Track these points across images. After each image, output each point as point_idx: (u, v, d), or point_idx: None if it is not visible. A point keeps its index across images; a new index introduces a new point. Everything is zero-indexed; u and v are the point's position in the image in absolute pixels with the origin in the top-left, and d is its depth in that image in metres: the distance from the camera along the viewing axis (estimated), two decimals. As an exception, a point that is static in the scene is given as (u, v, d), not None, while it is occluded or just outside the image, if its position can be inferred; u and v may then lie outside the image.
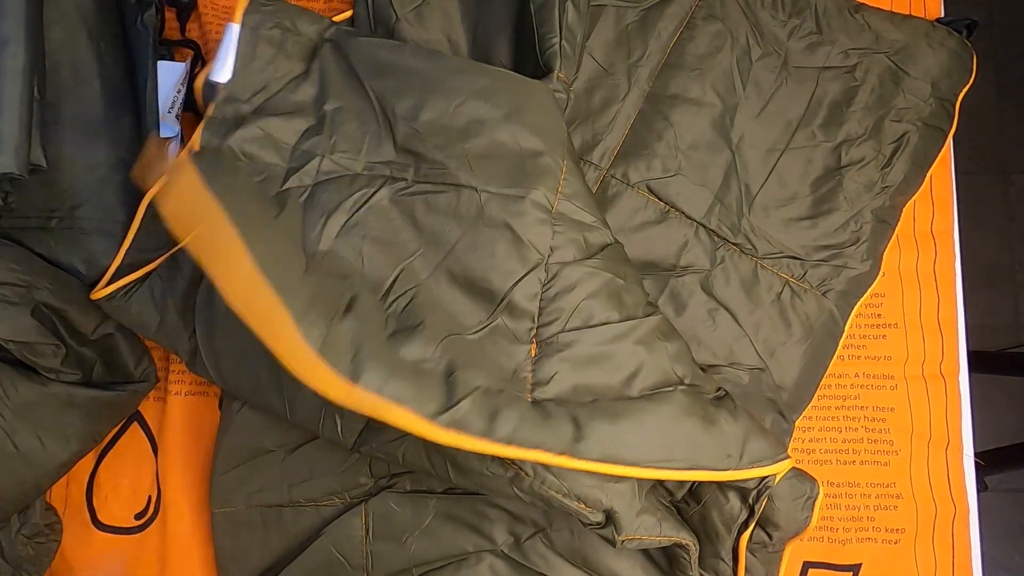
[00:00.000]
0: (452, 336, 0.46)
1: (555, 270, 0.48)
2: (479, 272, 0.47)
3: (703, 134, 0.60)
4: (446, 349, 0.45)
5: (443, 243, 0.48)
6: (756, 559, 0.50)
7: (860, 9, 0.63)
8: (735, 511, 0.49)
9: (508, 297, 0.47)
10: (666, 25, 0.61)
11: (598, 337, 0.47)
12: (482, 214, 0.48)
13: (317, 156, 0.50)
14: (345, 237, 0.48)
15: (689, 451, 0.45)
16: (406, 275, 0.47)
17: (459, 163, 0.49)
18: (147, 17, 0.59)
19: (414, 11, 0.58)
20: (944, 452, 0.59)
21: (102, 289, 0.52)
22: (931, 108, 0.61)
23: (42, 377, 0.52)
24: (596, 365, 0.46)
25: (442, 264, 0.48)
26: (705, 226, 0.58)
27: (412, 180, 0.50)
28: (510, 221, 0.48)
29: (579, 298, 0.47)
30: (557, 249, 0.48)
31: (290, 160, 0.51)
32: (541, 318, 0.47)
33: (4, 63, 0.49)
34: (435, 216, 0.49)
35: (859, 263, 0.58)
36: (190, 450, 0.59)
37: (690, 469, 0.45)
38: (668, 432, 0.45)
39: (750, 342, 0.57)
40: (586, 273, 0.48)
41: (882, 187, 0.59)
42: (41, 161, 0.52)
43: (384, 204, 0.49)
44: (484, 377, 0.44)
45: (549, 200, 0.49)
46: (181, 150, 0.56)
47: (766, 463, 0.47)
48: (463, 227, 0.48)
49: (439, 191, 0.49)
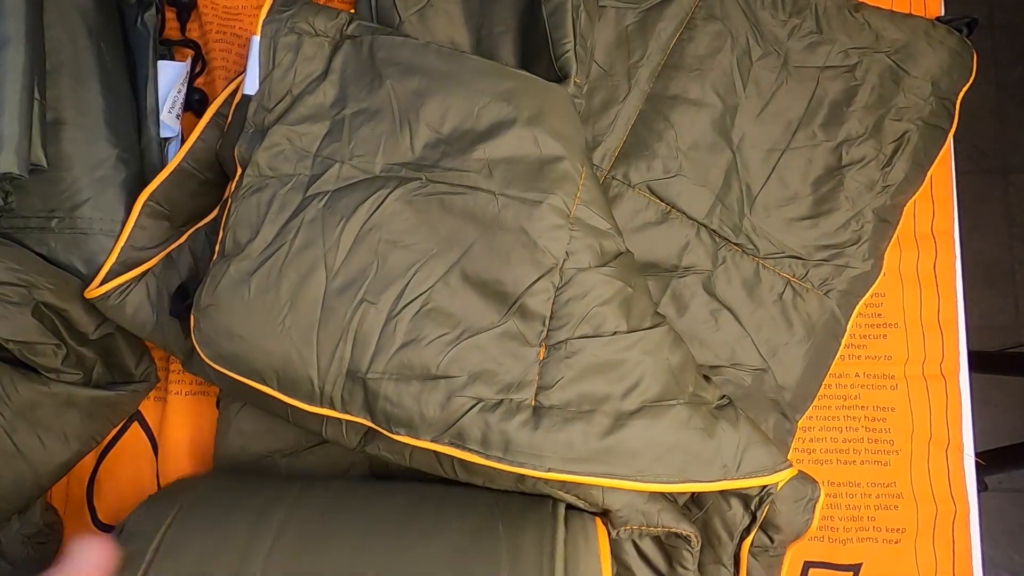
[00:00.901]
0: (460, 343, 0.46)
1: (570, 275, 0.48)
2: (493, 275, 0.47)
3: (704, 134, 0.59)
4: (452, 360, 0.46)
5: (458, 245, 0.48)
6: (757, 563, 0.50)
7: (860, 8, 0.63)
8: (737, 517, 0.49)
9: (521, 300, 0.47)
10: (666, 26, 0.61)
11: (605, 346, 0.47)
12: (499, 218, 0.48)
13: (337, 163, 0.51)
14: (362, 241, 0.48)
15: (682, 464, 0.46)
16: (420, 277, 0.48)
17: (479, 165, 0.49)
18: (147, 17, 0.59)
19: (417, 13, 0.58)
20: (944, 452, 0.59)
21: (96, 288, 0.52)
22: (931, 107, 0.61)
23: (42, 377, 0.52)
24: (601, 373, 0.47)
25: (456, 265, 0.48)
26: (706, 226, 0.58)
27: (427, 180, 0.50)
28: (526, 226, 0.48)
29: (591, 305, 0.47)
30: (573, 254, 0.48)
31: (312, 168, 0.51)
32: (552, 322, 0.47)
33: (4, 63, 0.49)
34: (451, 218, 0.49)
35: (861, 262, 0.58)
36: (190, 450, 0.59)
37: (682, 482, 0.46)
38: (662, 446, 0.46)
39: (752, 342, 0.57)
40: (599, 280, 0.48)
41: (883, 186, 0.59)
42: (41, 161, 0.51)
43: (400, 205, 0.49)
44: (486, 389, 0.45)
45: (568, 205, 0.49)
46: (182, 149, 0.56)
47: (764, 473, 0.47)
48: (479, 230, 0.48)
49: (456, 192, 0.49)
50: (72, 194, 0.54)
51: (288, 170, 0.51)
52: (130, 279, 0.53)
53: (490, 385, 0.46)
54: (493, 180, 0.49)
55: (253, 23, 0.65)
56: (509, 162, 0.50)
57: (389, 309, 0.47)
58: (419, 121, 0.51)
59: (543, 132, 0.50)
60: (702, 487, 0.46)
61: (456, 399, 0.45)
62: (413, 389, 0.45)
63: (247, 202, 0.50)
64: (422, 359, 0.46)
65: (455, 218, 0.49)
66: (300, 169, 0.51)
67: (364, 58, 0.53)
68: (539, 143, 0.50)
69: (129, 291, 0.53)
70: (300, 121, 0.52)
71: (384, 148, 0.51)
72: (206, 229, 0.54)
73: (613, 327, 0.47)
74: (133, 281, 0.53)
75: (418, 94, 0.51)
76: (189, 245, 0.54)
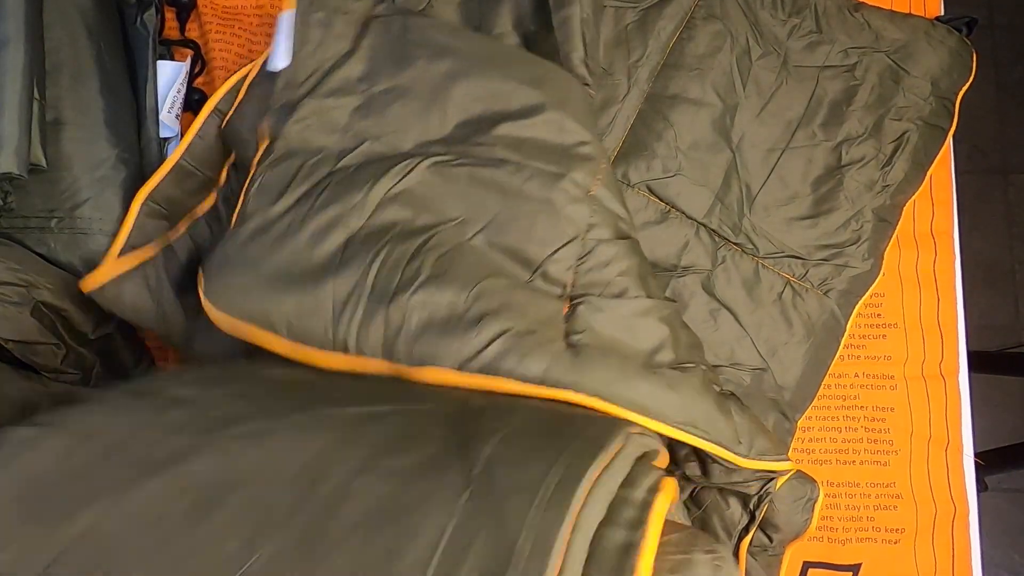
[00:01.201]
0: (486, 280, 0.45)
1: (591, 246, 0.49)
2: (517, 242, 0.48)
3: (703, 134, 0.59)
4: (479, 295, 0.45)
5: (485, 212, 0.49)
6: (756, 562, 0.50)
7: (860, 8, 0.63)
8: (736, 516, 0.49)
9: (543, 266, 0.48)
10: (665, 25, 0.61)
11: (627, 308, 0.47)
12: (524, 188, 0.49)
13: (367, 140, 0.51)
14: (389, 204, 0.48)
15: (709, 424, 0.45)
16: (444, 235, 0.48)
17: (507, 141, 0.51)
18: (147, 17, 0.59)
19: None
20: (944, 452, 0.59)
21: (93, 281, 0.52)
22: (931, 107, 0.61)
23: (42, 377, 0.52)
24: (626, 331, 0.47)
25: (482, 232, 0.48)
26: (706, 226, 0.58)
27: (457, 154, 0.50)
28: (551, 196, 0.49)
29: (612, 274, 0.48)
30: (595, 227, 0.49)
31: (342, 141, 0.51)
32: (574, 289, 0.48)
33: (4, 63, 0.49)
34: (479, 187, 0.49)
35: (860, 262, 0.58)
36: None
37: (710, 441, 0.45)
38: (690, 402, 0.45)
39: (751, 342, 0.57)
40: (621, 251, 0.49)
41: (883, 186, 0.59)
42: (41, 161, 0.52)
43: (428, 174, 0.49)
44: (515, 320, 0.44)
45: (588, 183, 0.50)
46: (179, 146, 0.56)
47: (772, 457, 0.47)
48: (505, 198, 0.49)
49: (484, 165, 0.50)
50: (72, 194, 0.54)
51: (318, 143, 0.51)
52: (129, 269, 0.53)
53: (520, 318, 0.44)
54: (520, 153, 0.50)
55: (253, 23, 0.65)
56: (536, 142, 0.51)
57: (413, 251, 0.46)
58: (450, 101, 0.52)
59: (569, 118, 0.51)
60: (726, 454, 0.46)
61: (487, 324, 0.43)
62: (439, 316, 0.44)
63: (274, 170, 0.50)
64: (450, 289, 0.45)
65: (482, 187, 0.49)
66: (329, 142, 0.51)
67: (395, 37, 0.54)
68: (565, 128, 0.51)
69: (126, 282, 0.53)
70: (329, 95, 0.52)
71: (415, 126, 0.52)
72: (206, 217, 0.55)
73: (635, 294, 0.48)
74: (133, 272, 0.53)
75: (450, 75, 0.52)
76: (190, 233, 0.54)
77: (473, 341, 0.43)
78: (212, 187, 0.57)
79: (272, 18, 0.65)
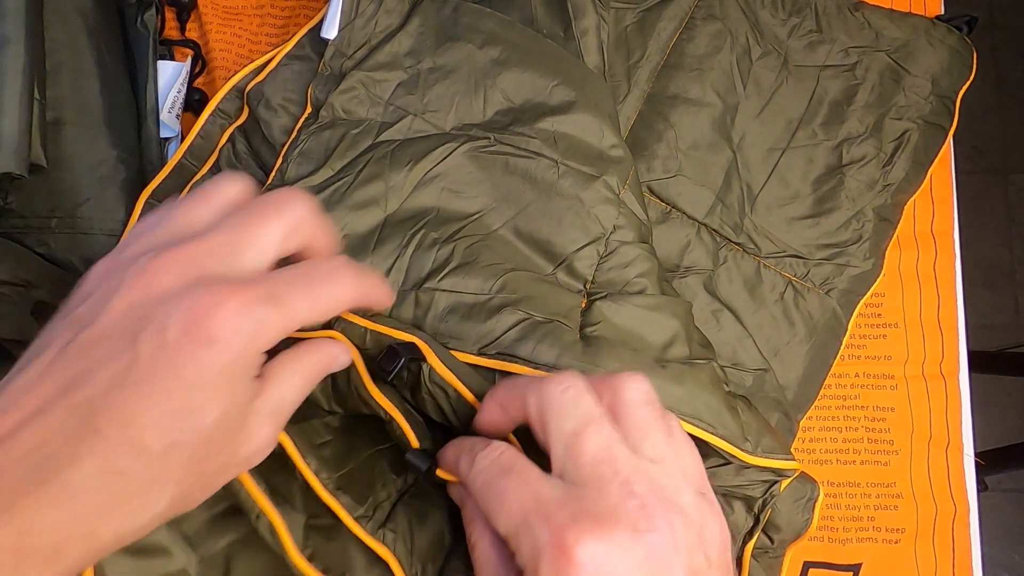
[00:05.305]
0: (511, 272, 0.48)
1: (614, 246, 0.51)
2: (544, 235, 0.50)
3: (703, 134, 0.60)
4: (503, 285, 0.47)
5: (516, 203, 0.51)
6: (757, 564, 0.50)
7: (860, 7, 0.63)
8: (740, 520, 0.49)
9: (568, 261, 0.50)
10: (665, 26, 0.61)
11: (644, 302, 0.49)
12: (557, 184, 0.51)
13: (409, 115, 0.53)
14: (426, 185, 0.50)
15: (715, 419, 0.46)
16: (475, 224, 0.50)
17: (545, 134, 0.52)
18: (147, 17, 0.59)
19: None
20: (944, 452, 0.59)
21: None
22: (931, 106, 0.61)
23: (42, 377, 0.52)
24: (642, 324, 0.49)
25: (511, 221, 0.50)
26: (707, 226, 0.58)
27: (495, 140, 0.52)
28: (582, 195, 0.51)
29: (632, 274, 0.50)
30: (620, 228, 0.51)
31: (383, 115, 0.53)
32: (594, 286, 0.50)
33: (4, 63, 0.49)
34: (513, 177, 0.51)
35: (861, 261, 0.58)
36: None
37: (716, 435, 0.45)
38: (699, 396, 0.46)
39: (753, 342, 0.57)
40: (642, 254, 0.51)
41: (884, 185, 0.59)
42: (41, 160, 0.51)
43: (466, 159, 0.51)
44: (535, 310, 0.47)
45: (618, 187, 0.52)
46: (182, 145, 0.56)
47: (779, 456, 0.47)
48: (537, 192, 0.51)
49: (520, 155, 0.52)
50: (72, 194, 0.54)
51: (361, 114, 0.53)
52: None
53: (539, 308, 0.47)
54: (556, 150, 0.52)
55: (253, 23, 0.65)
56: (572, 139, 0.52)
57: (447, 237, 0.49)
58: (495, 88, 0.53)
59: (606, 122, 0.53)
60: (732, 449, 0.46)
61: (508, 312, 0.46)
62: (465, 303, 0.46)
63: (317, 137, 0.52)
64: (477, 278, 0.47)
65: (516, 178, 0.51)
66: (372, 114, 0.53)
67: (446, 18, 0.55)
68: (602, 130, 0.53)
69: None
70: (376, 68, 0.54)
71: (457, 108, 0.53)
72: None
73: (651, 294, 0.50)
74: None
75: (497, 63, 0.54)
76: None
77: (494, 328, 0.45)
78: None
79: (273, 18, 0.65)
